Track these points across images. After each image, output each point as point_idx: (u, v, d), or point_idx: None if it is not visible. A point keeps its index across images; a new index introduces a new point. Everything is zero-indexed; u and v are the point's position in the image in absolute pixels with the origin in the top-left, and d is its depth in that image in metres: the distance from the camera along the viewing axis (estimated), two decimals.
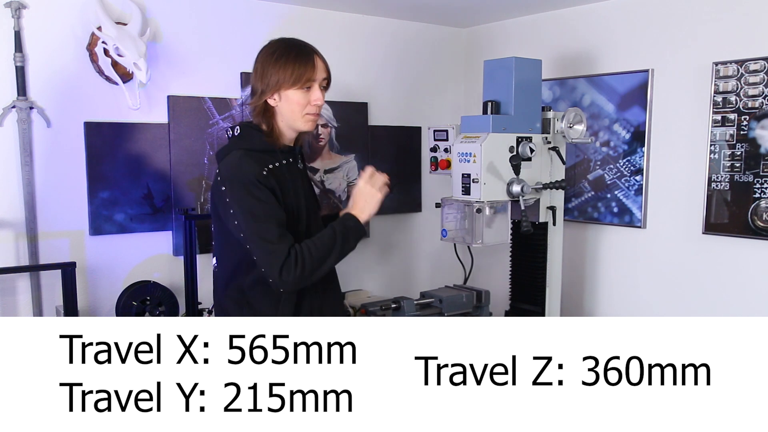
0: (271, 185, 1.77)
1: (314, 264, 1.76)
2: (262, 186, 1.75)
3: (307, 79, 1.81)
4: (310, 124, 1.87)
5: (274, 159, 1.84)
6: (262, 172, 1.77)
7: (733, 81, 2.38)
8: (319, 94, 1.84)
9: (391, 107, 3.27)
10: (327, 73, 1.87)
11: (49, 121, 2.41)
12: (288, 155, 1.89)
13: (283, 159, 1.87)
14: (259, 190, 1.75)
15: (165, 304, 2.56)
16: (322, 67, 1.85)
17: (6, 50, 2.32)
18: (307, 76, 1.81)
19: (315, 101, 1.84)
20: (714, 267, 2.51)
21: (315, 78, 1.83)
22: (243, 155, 1.81)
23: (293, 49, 1.84)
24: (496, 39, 3.30)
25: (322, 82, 1.85)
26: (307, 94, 1.83)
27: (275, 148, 1.85)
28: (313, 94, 1.83)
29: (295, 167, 1.91)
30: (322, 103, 1.85)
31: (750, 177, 2.36)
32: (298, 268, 1.73)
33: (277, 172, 1.82)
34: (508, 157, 2.31)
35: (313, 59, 1.83)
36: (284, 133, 1.89)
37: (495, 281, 3.13)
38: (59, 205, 2.46)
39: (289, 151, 1.90)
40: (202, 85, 2.72)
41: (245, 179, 1.75)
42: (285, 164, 1.86)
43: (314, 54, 1.85)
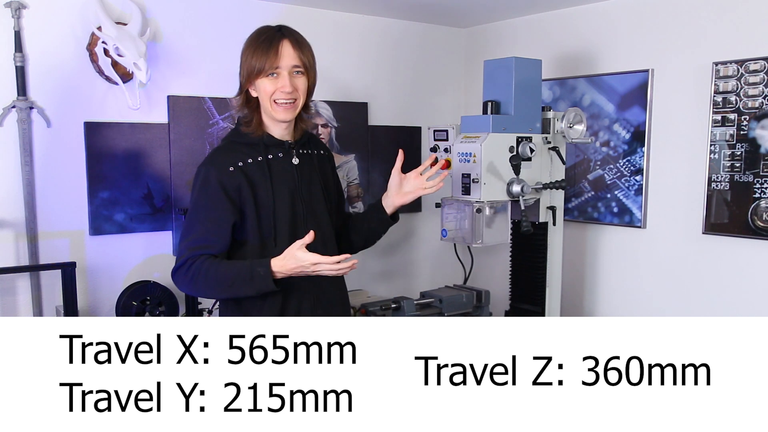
0: (235, 184, 1.79)
1: (200, 285, 1.78)
2: (219, 188, 1.78)
3: (270, 66, 1.78)
4: (281, 113, 1.82)
5: (255, 153, 1.83)
6: (228, 168, 1.80)
7: (733, 81, 2.38)
8: (285, 80, 1.78)
9: (391, 107, 3.27)
10: (300, 60, 1.80)
11: (49, 121, 2.41)
12: (277, 149, 1.87)
13: (269, 153, 1.85)
14: (213, 192, 1.79)
15: (165, 304, 2.56)
16: (290, 54, 1.79)
17: (6, 50, 2.32)
18: (270, 63, 1.78)
19: (280, 88, 1.79)
20: (714, 267, 2.51)
21: (279, 65, 1.78)
22: (221, 148, 1.89)
23: (261, 36, 1.82)
24: (496, 39, 3.30)
25: (291, 69, 1.80)
26: (275, 81, 1.80)
27: (260, 141, 1.84)
28: (279, 81, 1.79)
29: (285, 161, 1.88)
30: (289, 89, 1.79)
31: (750, 177, 2.36)
32: (186, 279, 1.78)
33: (250, 168, 1.82)
34: (508, 157, 2.31)
35: (277, 46, 1.78)
36: (269, 125, 1.87)
37: (495, 281, 3.13)
38: (59, 205, 2.46)
39: (278, 145, 1.87)
40: (202, 85, 2.72)
41: (206, 176, 1.80)
42: (269, 159, 1.84)
43: (282, 40, 1.80)
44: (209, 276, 1.76)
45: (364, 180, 3.18)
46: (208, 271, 1.76)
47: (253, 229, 1.83)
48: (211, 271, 1.76)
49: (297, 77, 1.82)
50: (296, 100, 1.83)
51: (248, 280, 1.74)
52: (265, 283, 1.74)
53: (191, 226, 1.82)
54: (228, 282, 1.76)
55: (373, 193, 3.19)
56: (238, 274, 1.75)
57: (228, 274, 1.76)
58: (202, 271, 1.76)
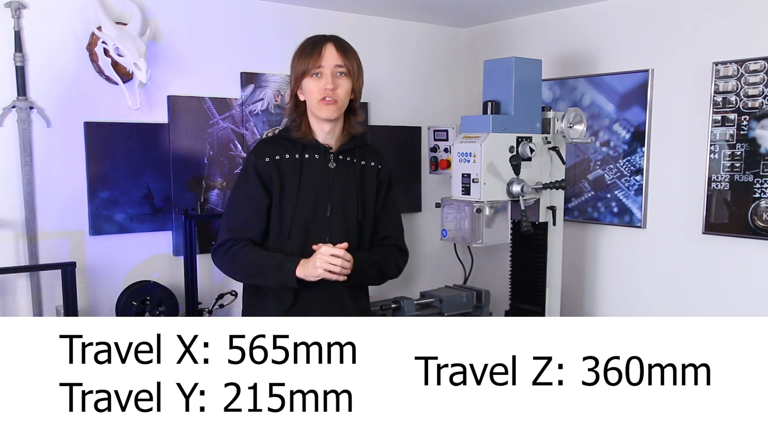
0: (269, 173, 1.91)
1: (235, 267, 1.91)
2: (255, 173, 1.90)
3: (314, 66, 1.87)
4: (325, 111, 1.89)
5: (294, 151, 1.93)
6: (265, 159, 1.91)
7: (733, 81, 2.38)
8: (328, 79, 1.87)
9: (391, 107, 3.27)
10: (342, 61, 1.89)
11: (49, 121, 2.41)
12: (315, 151, 1.95)
13: (306, 153, 1.94)
14: (251, 176, 1.91)
15: (165, 304, 2.56)
16: (333, 55, 1.88)
17: (6, 50, 2.32)
18: (314, 63, 1.87)
19: (324, 86, 1.87)
20: (714, 267, 2.51)
21: (322, 65, 1.87)
22: (266, 140, 2.06)
23: (307, 41, 1.93)
24: (496, 39, 3.30)
25: (335, 69, 1.88)
26: (318, 81, 1.88)
27: (303, 141, 1.93)
28: (322, 80, 1.88)
29: (320, 163, 1.94)
30: (332, 87, 1.87)
31: (750, 177, 2.36)
32: (225, 259, 1.90)
33: (285, 163, 1.92)
34: (508, 157, 2.31)
35: (321, 48, 1.88)
36: (316, 129, 1.95)
37: (495, 281, 3.13)
38: (59, 205, 2.46)
39: (316, 147, 1.95)
40: (202, 85, 2.72)
41: (247, 163, 1.95)
42: (305, 158, 1.93)
43: (326, 42, 1.89)
44: (245, 259, 1.88)
45: None
46: (246, 255, 1.88)
47: (273, 220, 1.92)
48: (248, 255, 1.88)
49: (340, 78, 1.90)
50: (338, 99, 1.89)
51: (275, 271, 1.85)
52: (289, 278, 1.84)
53: (232, 208, 1.95)
54: (258, 268, 1.87)
55: None
56: (268, 263, 1.87)
57: (260, 261, 1.88)
58: (240, 254, 1.88)
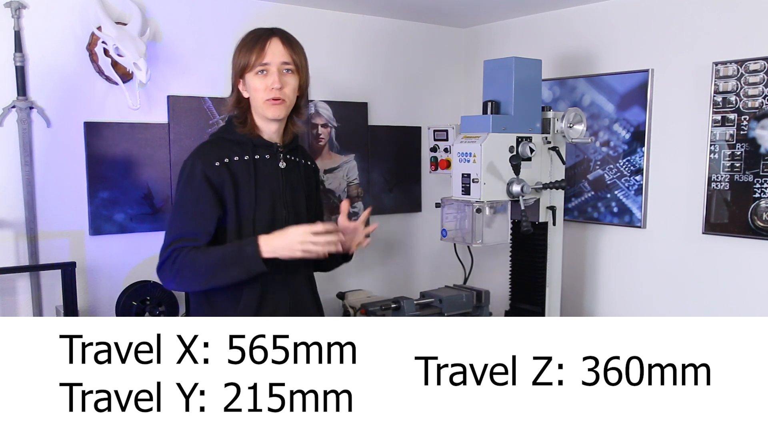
0: (220, 179, 1.77)
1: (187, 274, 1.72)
2: (204, 181, 1.75)
3: (258, 63, 1.77)
4: (272, 110, 1.80)
5: (243, 152, 1.81)
6: (214, 163, 1.77)
7: (733, 81, 2.38)
8: (274, 78, 1.77)
9: (391, 107, 3.27)
10: (290, 58, 1.79)
11: (49, 121, 2.41)
12: (265, 150, 1.85)
13: (255, 154, 1.83)
14: (199, 184, 1.75)
15: (165, 304, 2.56)
16: (280, 51, 1.78)
17: (6, 50, 2.32)
18: (258, 59, 1.77)
19: (271, 85, 1.77)
20: (714, 267, 2.51)
21: (268, 61, 1.77)
22: (209, 143, 1.86)
23: (250, 35, 1.81)
24: (496, 39, 3.30)
25: (281, 66, 1.78)
26: (264, 79, 1.78)
27: (249, 140, 1.82)
28: (268, 79, 1.78)
29: (271, 163, 1.86)
30: (279, 86, 1.77)
31: (750, 177, 2.36)
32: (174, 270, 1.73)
33: (237, 166, 1.79)
34: (508, 157, 2.31)
35: (264, 43, 1.77)
36: (261, 126, 1.85)
37: (495, 281, 3.13)
38: (59, 205, 2.46)
39: (266, 146, 1.85)
40: (202, 85, 2.72)
41: (192, 170, 1.77)
42: (255, 159, 1.82)
43: (271, 37, 1.79)
44: (196, 264, 1.72)
45: (364, 180, 3.17)
46: (194, 260, 1.72)
47: (231, 228, 1.80)
48: (198, 258, 1.72)
49: (287, 75, 1.80)
50: (286, 98, 1.80)
51: (237, 260, 1.70)
52: (255, 262, 1.70)
53: (176, 220, 1.79)
54: (216, 266, 1.71)
55: (373, 193, 3.19)
56: (226, 256, 1.71)
57: (216, 258, 1.72)
58: (188, 260, 1.72)
